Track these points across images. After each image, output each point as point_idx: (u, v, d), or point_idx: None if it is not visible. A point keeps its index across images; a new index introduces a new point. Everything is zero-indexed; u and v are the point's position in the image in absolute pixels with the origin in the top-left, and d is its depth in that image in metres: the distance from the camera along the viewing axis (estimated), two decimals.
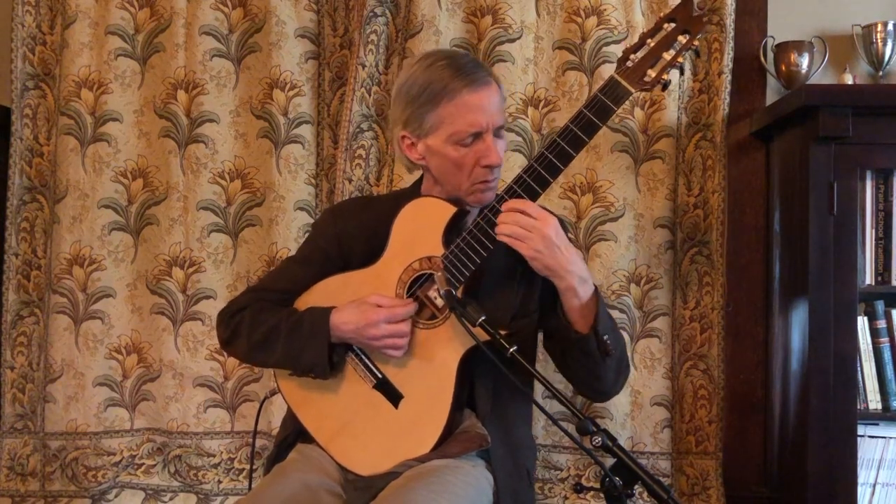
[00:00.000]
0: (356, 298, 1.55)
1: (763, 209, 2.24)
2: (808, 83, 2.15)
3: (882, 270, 1.97)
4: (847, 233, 1.88)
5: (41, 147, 2.40)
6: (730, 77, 2.18)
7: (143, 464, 2.37)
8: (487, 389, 1.58)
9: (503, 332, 1.41)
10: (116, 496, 2.35)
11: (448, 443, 1.52)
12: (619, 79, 1.47)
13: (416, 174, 1.73)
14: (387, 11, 2.27)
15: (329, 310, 1.55)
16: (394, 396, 1.56)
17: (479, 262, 1.49)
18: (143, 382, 2.37)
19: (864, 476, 1.97)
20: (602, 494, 1.29)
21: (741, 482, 2.23)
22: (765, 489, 2.22)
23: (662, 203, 2.19)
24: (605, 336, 1.48)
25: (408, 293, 1.56)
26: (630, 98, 1.50)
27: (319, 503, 1.48)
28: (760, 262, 2.24)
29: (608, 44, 2.18)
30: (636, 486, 1.27)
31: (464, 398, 1.57)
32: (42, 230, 2.40)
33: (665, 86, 1.50)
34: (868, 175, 1.97)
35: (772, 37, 2.23)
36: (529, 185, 1.48)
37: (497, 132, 1.55)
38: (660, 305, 2.20)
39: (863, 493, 1.96)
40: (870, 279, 1.97)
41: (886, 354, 1.98)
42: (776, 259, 2.18)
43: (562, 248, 1.47)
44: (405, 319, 1.53)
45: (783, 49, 2.19)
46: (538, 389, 2.10)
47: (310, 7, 2.31)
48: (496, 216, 1.49)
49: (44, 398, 2.37)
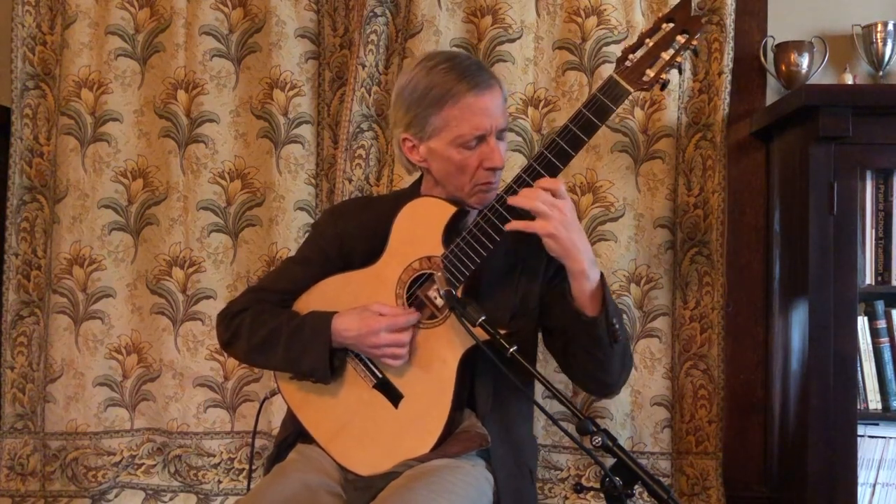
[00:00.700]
0: (358, 304, 1.55)
1: (763, 209, 2.24)
2: (808, 83, 2.15)
3: (882, 270, 1.97)
4: (847, 233, 1.88)
5: (41, 147, 2.40)
6: (730, 77, 2.18)
7: (143, 464, 2.37)
8: (487, 389, 1.58)
9: (503, 332, 1.41)
10: (116, 496, 2.35)
11: (448, 442, 1.52)
12: (618, 78, 1.47)
13: (417, 175, 1.73)
14: (387, 11, 2.27)
15: (331, 315, 1.55)
16: (394, 396, 1.56)
17: (479, 262, 1.49)
18: (143, 382, 2.37)
19: (864, 476, 1.97)
20: (602, 494, 1.29)
21: (741, 482, 2.23)
22: (765, 489, 2.23)
23: (662, 203, 2.19)
24: (614, 320, 1.48)
25: (407, 293, 1.56)
26: (630, 98, 1.50)
27: (319, 503, 1.48)
28: (760, 262, 2.25)
29: (608, 44, 2.18)
30: (636, 486, 1.27)
31: (464, 398, 1.57)
32: (42, 230, 2.40)
33: (664, 85, 1.50)
34: (868, 175, 1.97)
35: (772, 37, 2.23)
36: (528, 184, 1.48)
37: (500, 134, 1.56)
38: (660, 305, 2.20)
39: (863, 493, 1.96)
40: (870, 279, 1.97)
41: (886, 354, 1.98)
42: (776, 259, 2.18)
43: (578, 230, 1.47)
44: (406, 329, 1.53)
45: (783, 49, 2.19)
46: (538, 389, 2.09)
47: (310, 7, 2.31)
48: (496, 216, 1.49)
49: (44, 398, 2.37)
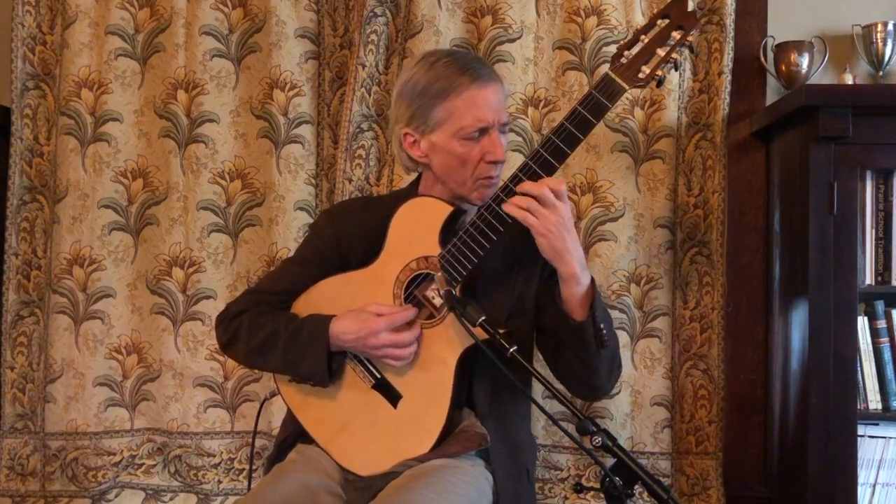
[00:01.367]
0: (356, 305, 1.55)
1: (763, 209, 2.24)
2: (808, 83, 2.15)
3: (882, 270, 1.97)
4: (847, 233, 1.88)
5: (41, 147, 2.40)
6: (730, 77, 2.18)
7: (144, 464, 2.37)
8: (486, 389, 1.58)
9: (502, 332, 1.41)
10: (116, 496, 2.35)
11: (447, 442, 1.52)
12: (613, 76, 1.47)
13: (415, 175, 1.73)
14: (387, 11, 2.27)
15: (329, 318, 1.55)
16: (393, 396, 1.56)
17: (477, 262, 1.49)
18: (143, 382, 2.37)
19: (864, 476, 1.97)
20: (602, 494, 1.29)
21: (741, 482, 2.23)
22: (765, 489, 2.22)
23: (662, 203, 2.19)
24: (602, 325, 1.49)
25: (405, 293, 1.56)
26: (630, 98, 1.51)
27: (319, 503, 1.48)
28: (760, 262, 2.24)
29: (608, 44, 2.18)
30: (636, 486, 1.27)
31: (463, 397, 1.57)
32: (42, 230, 2.40)
33: (660, 82, 1.50)
34: (868, 175, 1.97)
35: (772, 37, 2.23)
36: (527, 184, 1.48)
37: (501, 128, 1.57)
38: (660, 305, 2.20)
39: (863, 493, 1.96)
40: (870, 279, 1.97)
41: (886, 354, 1.98)
42: (776, 259, 2.18)
43: (571, 233, 1.48)
44: (408, 328, 1.52)
45: (783, 49, 2.19)
46: (538, 389, 2.09)
47: (310, 7, 2.31)
48: (492, 215, 1.49)
49: (44, 398, 2.37)
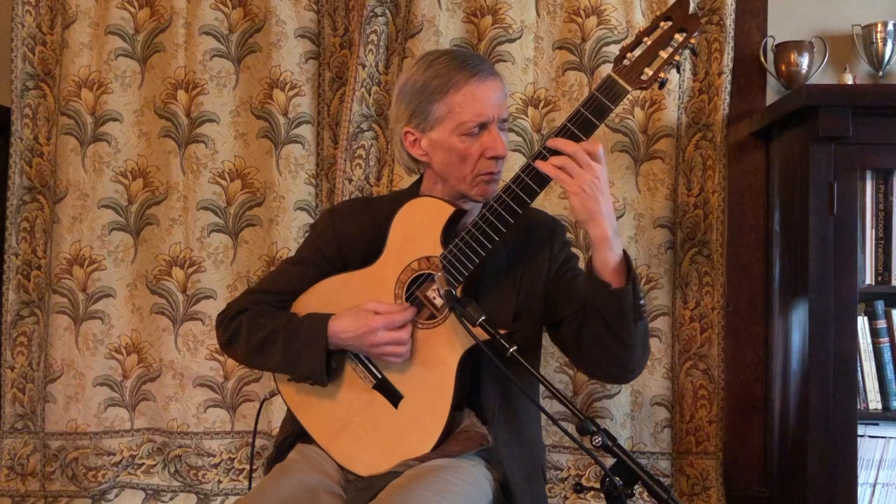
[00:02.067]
0: (354, 305, 1.55)
1: (763, 209, 2.24)
2: (808, 83, 2.15)
3: (882, 270, 1.97)
4: (847, 233, 1.88)
5: (41, 147, 2.40)
6: (730, 77, 2.18)
7: (143, 464, 2.37)
8: (495, 390, 1.57)
9: (503, 332, 1.41)
10: (116, 496, 2.35)
11: (448, 442, 1.52)
12: (617, 77, 1.47)
13: (416, 177, 1.73)
14: (387, 11, 2.27)
15: (327, 317, 1.55)
16: (393, 396, 1.56)
17: (478, 262, 1.49)
18: (143, 382, 2.37)
19: (864, 476, 1.97)
20: (602, 494, 1.29)
21: (741, 482, 2.23)
22: (765, 489, 2.23)
23: (662, 203, 2.19)
24: (640, 295, 1.44)
25: (406, 293, 1.56)
26: (629, 98, 1.50)
27: (319, 503, 1.48)
28: (760, 262, 2.24)
29: (608, 44, 2.18)
30: (636, 486, 1.27)
31: (464, 398, 1.57)
32: (42, 230, 2.40)
33: (662, 84, 1.49)
34: (868, 175, 1.97)
35: (772, 37, 2.23)
36: (528, 184, 1.48)
37: (501, 125, 1.56)
38: (660, 305, 2.20)
39: (863, 493, 1.96)
40: (870, 279, 1.97)
41: (886, 354, 1.98)
42: (776, 259, 2.18)
43: (606, 195, 1.44)
44: (404, 325, 1.52)
45: (783, 49, 2.19)
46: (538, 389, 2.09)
47: (310, 7, 2.31)
48: (494, 216, 1.48)
49: (44, 398, 2.37)
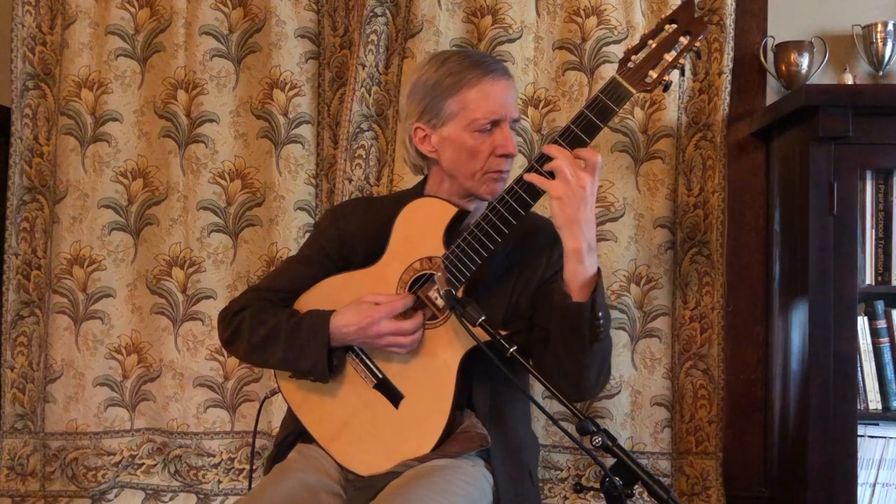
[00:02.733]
0: (355, 299, 1.55)
1: (763, 209, 2.24)
2: (808, 83, 2.15)
3: (882, 270, 1.97)
4: (847, 233, 1.88)
5: (41, 147, 2.40)
6: (730, 77, 2.18)
7: (143, 464, 2.37)
8: (485, 391, 1.58)
9: (503, 333, 1.41)
10: (116, 496, 2.35)
11: (448, 443, 1.52)
12: (621, 80, 1.47)
13: (417, 177, 1.73)
14: (387, 11, 2.27)
15: (329, 313, 1.55)
16: (394, 396, 1.56)
17: (480, 263, 1.49)
18: (143, 382, 2.37)
19: (864, 476, 1.97)
20: (602, 494, 1.29)
21: (741, 482, 2.23)
22: (765, 489, 2.23)
23: (662, 203, 2.19)
24: (600, 314, 1.43)
25: (408, 293, 1.56)
26: (631, 98, 1.50)
27: (319, 503, 1.48)
28: (760, 262, 2.25)
29: (608, 44, 2.18)
30: (636, 486, 1.27)
31: (464, 398, 1.57)
32: (42, 230, 2.40)
33: (666, 87, 1.50)
34: (868, 175, 1.97)
35: (772, 37, 2.23)
36: (529, 186, 1.48)
37: (512, 124, 1.58)
38: (660, 305, 2.20)
39: (863, 493, 1.96)
40: (870, 279, 1.97)
41: (886, 354, 1.98)
42: (776, 259, 2.18)
43: (589, 207, 1.44)
44: (409, 317, 1.52)
45: (783, 49, 2.19)
46: (538, 389, 2.10)
47: (310, 7, 2.31)
48: (497, 217, 1.48)
49: (44, 398, 2.37)
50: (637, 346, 2.20)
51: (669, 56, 1.47)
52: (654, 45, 1.48)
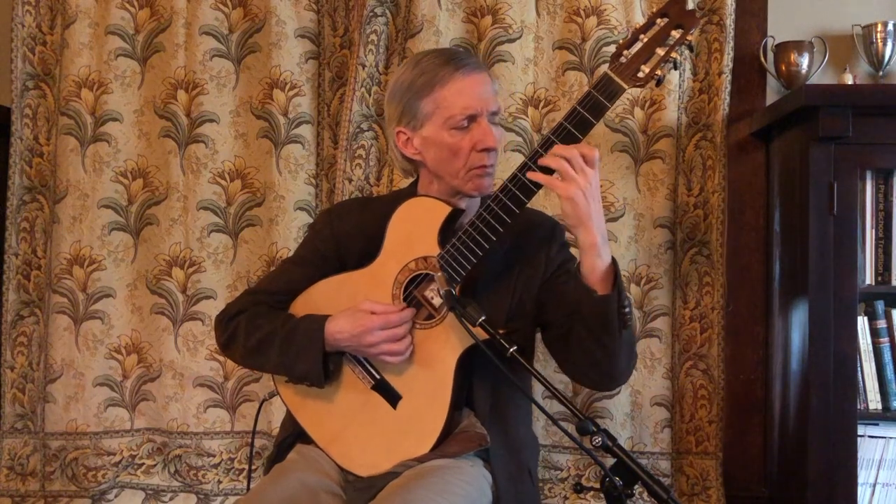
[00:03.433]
0: (352, 305, 1.55)
1: (763, 209, 2.24)
2: (808, 83, 2.15)
3: (882, 270, 1.97)
4: (847, 233, 1.88)
5: (41, 147, 2.40)
6: (730, 77, 2.18)
7: (143, 464, 2.37)
8: (486, 390, 1.57)
9: (502, 332, 1.41)
10: (116, 496, 2.35)
11: (447, 442, 1.52)
12: (613, 75, 1.46)
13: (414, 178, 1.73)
14: (387, 11, 2.27)
15: (324, 318, 1.55)
16: (392, 397, 1.55)
17: (476, 262, 1.49)
18: (143, 382, 2.37)
19: (864, 476, 1.97)
20: (602, 494, 1.28)
21: (741, 482, 2.23)
22: (765, 489, 2.22)
23: (662, 203, 2.19)
24: (626, 303, 1.44)
25: (404, 293, 1.55)
26: (629, 98, 1.50)
27: (319, 503, 1.48)
28: (760, 262, 2.24)
29: (608, 44, 2.18)
30: (636, 486, 1.27)
31: (462, 398, 1.56)
32: (42, 230, 2.40)
33: (659, 82, 1.48)
34: (868, 175, 1.97)
35: (772, 37, 2.23)
36: (525, 183, 1.48)
37: (491, 118, 1.56)
38: (660, 305, 2.20)
39: (863, 493, 1.96)
40: (870, 279, 1.97)
41: (886, 354, 1.98)
42: (776, 259, 2.18)
43: (597, 202, 1.44)
44: (400, 325, 1.52)
45: (783, 49, 2.19)
46: (538, 389, 2.09)
47: (310, 7, 2.31)
48: (492, 215, 1.48)
49: (44, 398, 2.37)
50: (637, 346, 2.19)
51: (662, 50, 1.46)
52: (646, 40, 1.47)
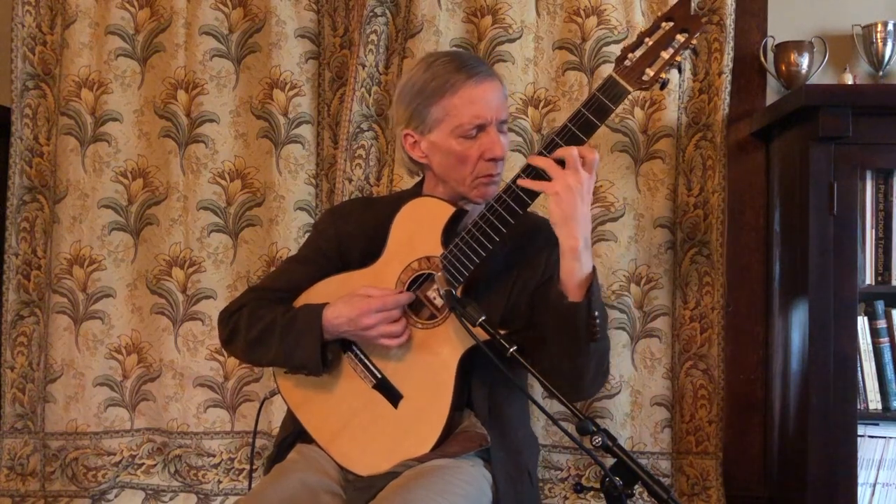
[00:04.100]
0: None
1: (763, 209, 2.24)
2: (808, 83, 2.15)
3: (882, 270, 1.97)
4: (847, 233, 1.88)
5: (41, 147, 2.40)
6: (730, 77, 2.18)
7: (143, 464, 2.37)
8: (484, 391, 1.58)
9: (503, 332, 1.41)
10: (116, 496, 2.35)
11: (447, 442, 1.52)
12: (618, 78, 1.47)
13: (416, 178, 1.73)
14: (387, 11, 2.27)
15: (322, 306, 1.55)
16: (393, 396, 1.56)
17: (478, 263, 1.49)
18: (143, 382, 2.37)
19: (864, 476, 1.97)
20: (602, 494, 1.28)
21: (741, 482, 2.23)
22: (765, 489, 2.22)
23: (662, 203, 2.19)
24: (596, 314, 1.43)
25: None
26: (629, 98, 1.50)
27: (319, 503, 1.48)
28: (760, 262, 2.25)
29: (608, 44, 2.18)
30: (636, 486, 1.27)
31: (464, 398, 1.57)
32: (42, 230, 2.40)
33: (663, 85, 1.49)
34: (868, 175, 1.97)
35: (772, 37, 2.23)
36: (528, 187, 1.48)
37: (500, 126, 1.56)
38: (660, 305, 2.20)
39: (863, 493, 1.96)
40: (870, 279, 1.97)
41: (886, 354, 1.98)
42: (776, 259, 2.18)
43: (585, 204, 1.44)
44: (396, 307, 1.51)
45: (783, 49, 2.19)
46: (538, 390, 2.09)
47: (310, 7, 2.31)
48: (495, 216, 1.48)
49: (44, 398, 2.37)
50: (637, 346, 2.20)
51: (666, 54, 1.47)
52: (651, 43, 1.48)
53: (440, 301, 1.52)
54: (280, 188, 2.29)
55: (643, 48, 1.48)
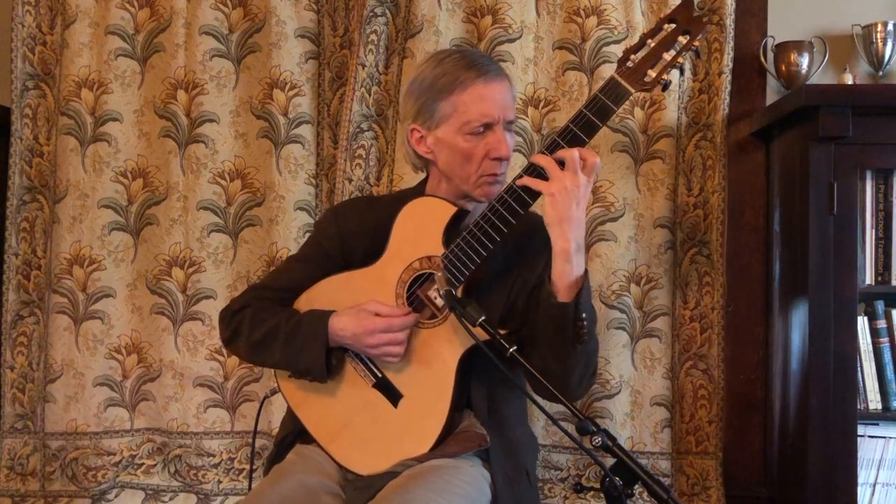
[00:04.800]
0: (355, 303, 1.55)
1: (763, 209, 2.24)
2: (808, 83, 2.15)
3: (882, 270, 1.97)
4: (847, 233, 1.88)
5: (41, 147, 2.40)
6: (730, 77, 2.18)
7: (143, 464, 2.37)
8: (483, 391, 1.58)
9: (503, 332, 1.41)
10: (116, 496, 2.35)
11: (447, 442, 1.52)
12: (620, 79, 1.47)
13: (420, 176, 1.73)
14: (387, 11, 2.27)
15: (328, 314, 1.56)
16: (393, 396, 1.56)
17: (480, 262, 1.49)
18: (143, 382, 2.37)
19: (864, 476, 1.97)
20: (602, 494, 1.28)
21: (741, 482, 2.23)
22: (765, 489, 2.22)
23: (662, 203, 2.19)
24: (584, 316, 1.44)
25: (408, 292, 1.56)
26: (630, 98, 1.50)
27: (319, 503, 1.48)
28: (760, 262, 2.24)
29: (608, 44, 2.18)
30: (636, 486, 1.27)
31: (463, 398, 1.57)
32: (42, 230, 2.40)
33: (665, 86, 1.50)
34: (868, 175, 1.97)
35: (772, 37, 2.23)
36: (527, 185, 1.48)
37: (507, 126, 1.56)
38: (660, 305, 2.20)
39: (863, 493, 1.96)
40: (870, 279, 1.97)
41: (886, 354, 1.98)
42: (776, 259, 2.18)
43: (580, 207, 1.44)
44: (402, 330, 1.52)
45: (783, 49, 2.19)
46: None
47: (310, 7, 2.31)
48: (496, 216, 1.48)
49: (44, 398, 2.37)
50: (637, 346, 2.20)
51: (668, 55, 1.47)
52: (653, 45, 1.48)
53: (441, 301, 1.52)
54: (280, 188, 2.29)
55: (645, 49, 1.48)
